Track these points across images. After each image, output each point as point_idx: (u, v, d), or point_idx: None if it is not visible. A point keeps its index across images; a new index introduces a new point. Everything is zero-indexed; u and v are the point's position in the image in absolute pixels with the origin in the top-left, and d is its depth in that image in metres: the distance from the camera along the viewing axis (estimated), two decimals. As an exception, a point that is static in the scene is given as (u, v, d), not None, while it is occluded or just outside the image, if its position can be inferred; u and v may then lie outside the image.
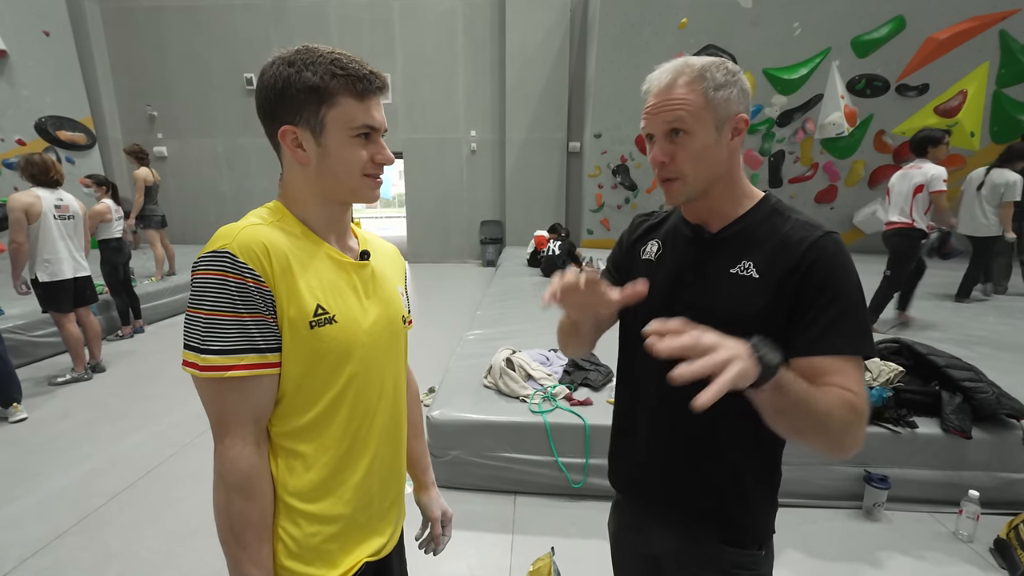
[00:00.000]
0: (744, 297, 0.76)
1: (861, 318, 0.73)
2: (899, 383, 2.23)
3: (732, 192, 0.81)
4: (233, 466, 0.66)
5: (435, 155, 8.72)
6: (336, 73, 0.68)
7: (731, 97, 0.75)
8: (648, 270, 0.89)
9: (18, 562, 1.88)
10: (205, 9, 8.26)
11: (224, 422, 0.67)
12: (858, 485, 2.15)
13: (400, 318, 0.85)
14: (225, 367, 0.64)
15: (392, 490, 0.86)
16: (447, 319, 5.18)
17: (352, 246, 0.82)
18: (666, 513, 0.89)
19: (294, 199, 0.75)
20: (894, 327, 3.83)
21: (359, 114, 0.70)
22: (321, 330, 0.70)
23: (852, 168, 7.34)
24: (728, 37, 6.74)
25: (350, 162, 0.71)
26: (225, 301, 0.63)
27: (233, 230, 0.67)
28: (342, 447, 0.75)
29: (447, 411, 2.33)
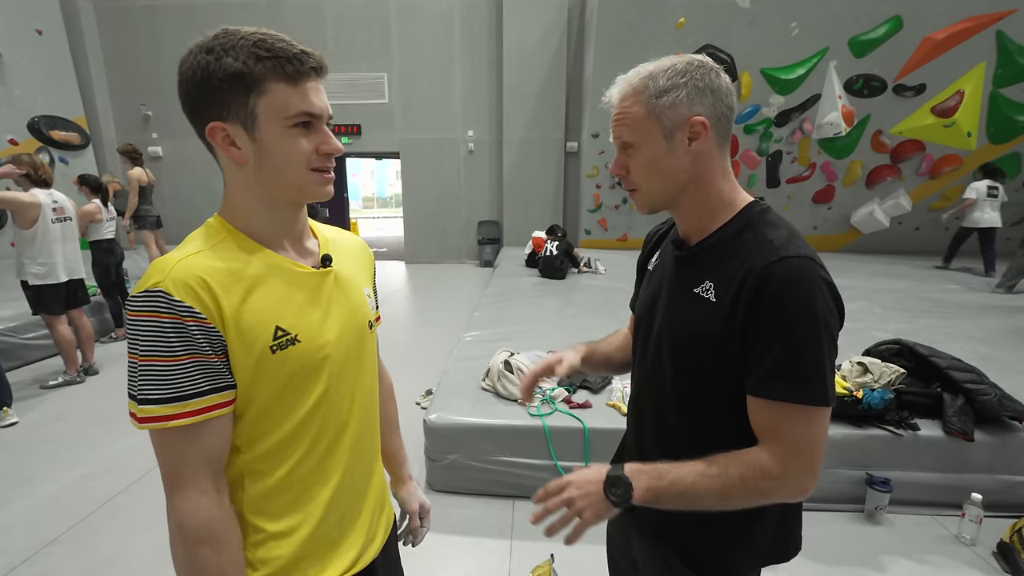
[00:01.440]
0: (701, 320, 0.73)
1: (810, 360, 0.65)
2: (900, 385, 2.21)
3: (706, 202, 0.75)
4: (194, 519, 0.61)
5: (432, 155, 8.68)
6: (261, 56, 0.59)
7: (677, 101, 0.70)
8: (647, 280, 0.91)
9: (6, 571, 1.84)
10: (200, 8, 8.20)
11: (175, 473, 0.61)
12: (860, 488, 2.13)
13: (367, 323, 0.79)
14: (166, 417, 0.58)
15: (369, 498, 0.82)
16: (445, 320, 5.15)
17: (312, 249, 0.75)
18: (639, 522, 0.88)
19: (237, 208, 0.68)
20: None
21: (294, 100, 0.62)
22: (284, 353, 0.65)
23: (849, 168, 7.34)
24: (726, 37, 6.72)
25: (291, 156, 0.63)
26: (161, 345, 0.57)
27: (167, 264, 0.60)
28: (312, 463, 0.71)
29: (444, 415, 2.30)
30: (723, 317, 0.70)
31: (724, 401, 0.73)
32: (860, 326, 3.59)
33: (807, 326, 0.65)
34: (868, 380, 2.22)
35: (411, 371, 3.79)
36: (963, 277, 5.68)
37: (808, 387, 0.65)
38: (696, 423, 0.77)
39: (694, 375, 0.75)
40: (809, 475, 0.67)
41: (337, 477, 0.74)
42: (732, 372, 0.71)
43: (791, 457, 0.67)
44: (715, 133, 0.72)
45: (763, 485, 0.67)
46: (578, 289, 5.09)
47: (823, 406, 0.66)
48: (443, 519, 2.15)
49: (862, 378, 2.24)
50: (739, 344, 0.69)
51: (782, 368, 0.66)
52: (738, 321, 0.68)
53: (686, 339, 0.75)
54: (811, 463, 0.67)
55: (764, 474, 0.67)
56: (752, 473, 0.68)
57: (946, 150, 7.05)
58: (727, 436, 0.73)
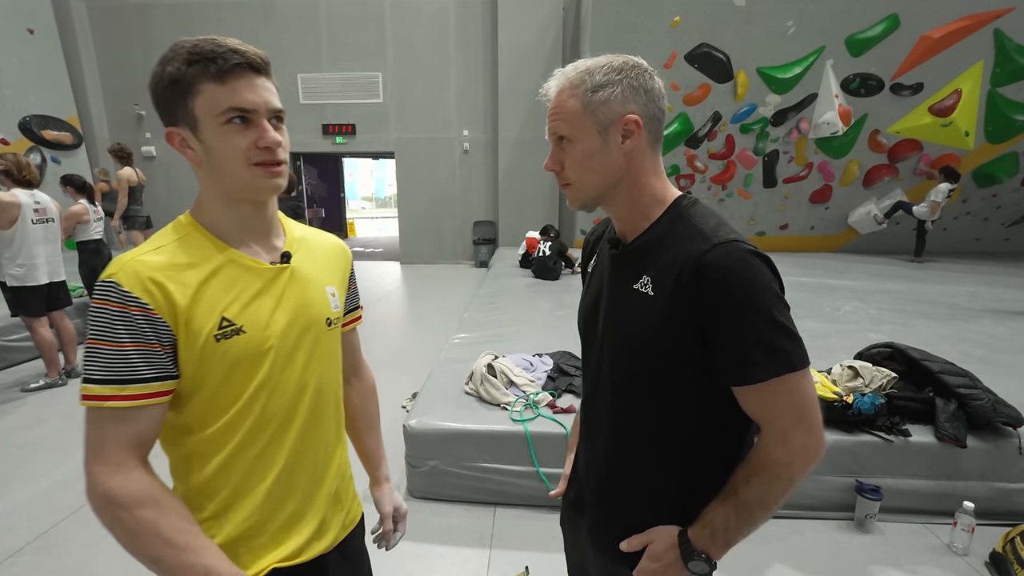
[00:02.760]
0: (641, 314, 0.74)
1: (773, 332, 0.66)
2: (892, 390, 2.16)
3: (639, 199, 0.76)
4: (126, 489, 0.62)
5: (427, 155, 8.63)
6: (192, 60, 0.64)
7: (612, 98, 0.70)
8: (586, 284, 0.91)
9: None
10: (193, 7, 8.15)
11: (100, 448, 0.63)
12: (849, 495, 2.07)
13: (322, 320, 0.80)
14: (104, 396, 0.62)
15: (321, 493, 0.82)
16: (437, 321, 5.10)
17: (277, 246, 0.78)
18: (594, 537, 0.89)
19: (203, 205, 0.73)
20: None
21: (222, 97, 0.65)
22: (228, 342, 0.68)
23: (847, 168, 7.29)
24: (721, 36, 6.67)
25: (228, 153, 0.67)
26: (107, 331, 0.62)
27: (125, 258, 0.65)
28: (253, 451, 0.73)
29: (425, 419, 2.24)
30: (661, 310, 0.71)
31: (672, 394, 0.75)
32: (854, 328, 3.54)
33: (757, 303, 0.66)
34: (859, 384, 2.17)
35: (400, 373, 3.74)
36: (957, 276, 5.62)
37: (780, 359, 0.66)
38: (645, 420, 0.78)
39: (639, 371, 0.76)
40: (812, 439, 0.69)
41: (279, 468, 0.75)
42: (675, 365, 0.72)
43: (791, 429, 0.69)
44: (647, 132, 0.73)
45: (779, 473, 0.70)
46: (571, 290, 5.04)
47: (797, 369, 0.67)
48: (422, 527, 2.09)
49: (852, 382, 2.19)
50: (684, 336, 0.70)
51: (749, 351, 0.67)
52: (680, 313, 0.69)
53: (628, 335, 0.76)
54: (810, 427, 0.69)
55: (772, 463, 0.70)
56: (763, 471, 0.71)
57: (944, 149, 7.00)
58: (680, 428, 0.76)
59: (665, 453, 0.78)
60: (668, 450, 0.77)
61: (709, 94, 6.97)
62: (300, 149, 8.82)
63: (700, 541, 0.74)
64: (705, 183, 7.52)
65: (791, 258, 6.87)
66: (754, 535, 0.74)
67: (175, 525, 0.63)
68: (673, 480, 0.78)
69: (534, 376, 2.56)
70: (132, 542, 0.62)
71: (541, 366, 2.71)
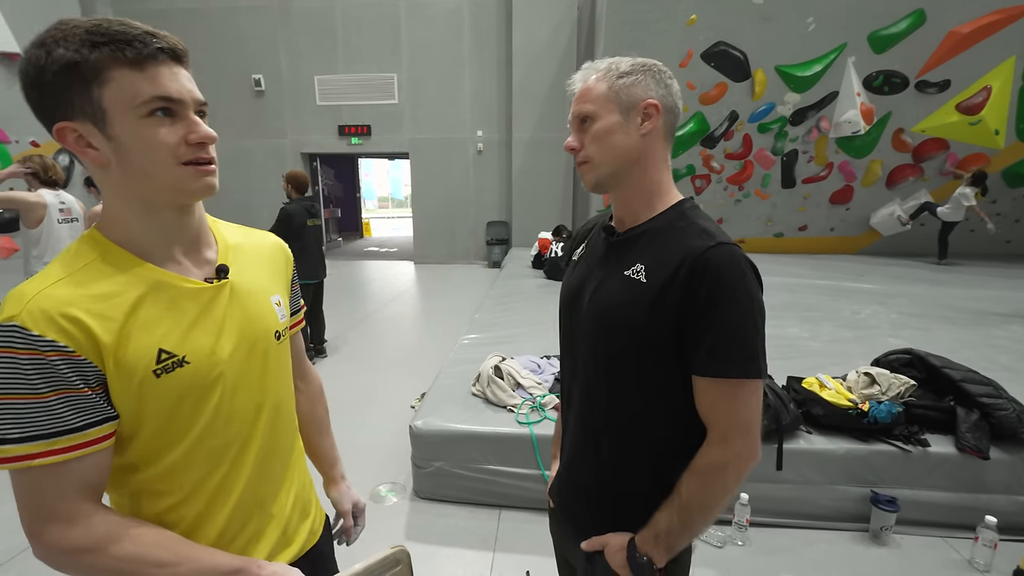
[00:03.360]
0: (630, 300, 0.76)
1: (749, 337, 0.70)
2: (910, 398, 2.09)
3: (647, 187, 0.81)
4: (94, 534, 0.57)
5: (441, 155, 8.66)
6: (96, 42, 0.54)
7: (635, 83, 0.77)
8: (570, 269, 0.95)
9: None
10: (211, 11, 8.32)
11: (47, 506, 0.56)
12: (864, 506, 2.01)
13: (271, 334, 0.74)
14: (29, 455, 0.54)
15: (279, 506, 0.78)
16: (448, 321, 5.11)
17: (209, 258, 0.69)
18: (577, 528, 0.92)
19: (112, 218, 0.62)
20: None
21: (143, 86, 0.56)
22: (170, 376, 0.61)
23: (869, 168, 7.10)
24: (738, 34, 6.56)
25: (153, 151, 0.57)
26: (19, 384, 0.53)
27: (26, 293, 0.54)
28: (214, 480, 0.68)
29: (431, 420, 2.24)
30: (652, 298, 0.74)
31: (652, 383, 0.78)
32: (872, 333, 3.44)
33: (745, 306, 0.70)
34: (875, 392, 2.10)
35: (410, 372, 3.76)
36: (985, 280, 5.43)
37: (751, 364, 0.71)
38: (626, 408, 0.81)
39: (622, 357, 0.79)
40: (749, 446, 0.73)
41: (239, 492, 0.70)
42: (660, 352, 0.75)
43: (732, 432, 0.73)
44: (664, 122, 0.79)
45: (715, 476, 0.74)
46: (583, 291, 5.00)
47: (759, 379, 0.72)
48: (427, 528, 2.10)
49: (868, 389, 2.12)
50: (670, 325, 0.73)
51: (727, 346, 0.70)
52: (672, 302, 0.72)
53: (614, 319, 0.78)
54: (748, 434, 0.73)
55: (709, 465, 0.74)
56: (700, 473, 0.75)
57: (972, 149, 6.77)
58: (656, 414, 0.79)
59: (638, 431, 0.82)
60: (640, 427, 0.81)
61: (726, 93, 6.86)
62: (316, 150, 8.95)
63: (644, 545, 0.78)
64: (721, 183, 7.39)
65: (810, 260, 6.72)
66: (763, 545, 0.75)
67: (158, 543, 0.60)
68: (637, 466, 0.83)
69: (541, 378, 2.54)
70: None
71: (549, 368, 2.69)
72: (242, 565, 0.64)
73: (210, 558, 0.63)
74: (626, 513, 0.82)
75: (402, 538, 2.04)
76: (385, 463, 2.55)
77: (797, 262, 6.53)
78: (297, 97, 8.64)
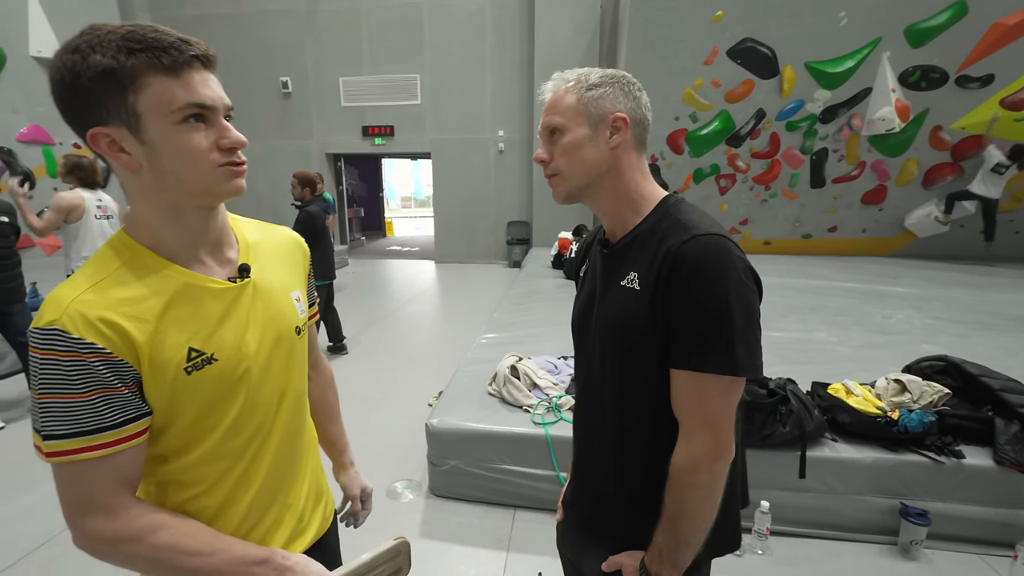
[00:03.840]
0: (628, 309, 0.77)
1: (727, 331, 0.68)
2: (944, 407, 2.00)
3: (624, 196, 0.81)
4: (135, 525, 0.60)
5: (462, 155, 8.71)
6: (132, 48, 0.55)
7: (604, 96, 0.77)
8: (580, 286, 0.95)
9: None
10: (243, 16, 8.55)
11: (88, 499, 0.60)
12: (893, 518, 1.93)
13: (292, 330, 0.76)
14: (74, 450, 0.57)
15: (296, 494, 0.81)
16: (467, 321, 5.13)
17: (231, 257, 0.71)
18: (590, 532, 0.94)
19: (141, 220, 0.64)
20: None
21: (179, 93, 0.57)
22: (200, 373, 0.64)
23: (904, 167, 6.82)
24: (766, 29, 6.39)
25: (187, 155, 0.59)
26: (62, 383, 0.56)
27: (65, 298, 0.57)
28: (237, 471, 0.71)
29: (447, 419, 2.26)
30: (647, 302, 0.74)
31: (660, 391, 0.77)
32: (905, 339, 3.30)
33: (720, 299, 0.68)
34: (906, 400, 2.02)
35: (429, 370, 3.79)
36: None
37: (720, 356, 0.69)
38: (636, 417, 0.81)
39: (629, 367, 0.79)
40: (714, 444, 0.71)
41: (260, 481, 0.73)
42: (660, 357, 0.75)
43: (697, 431, 0.72)
44: (633, 134, 0.79)
45: (687, 480, 0.73)
46: (602, 292, 4.95)
47: (732, 375, 0.70)
48: (441, 526, 2.11)
49: (899, 397, 2.04)
50: (664, 327, 0.73)
51: (696, 339, 0.70)
52: (659, 304, 0.72)
53: (618, 331, 0.79)
54: (715, 436, 0.71)
55: (679, 471, 0.73)
56: (674, 482, 0.74)
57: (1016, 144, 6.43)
58: (665, 419, 0.77)
59: (652, 444, 0.81)
60: (653, 440, 0.81)
61: (752, 90, 6.69)
62: (341, 150, 9.11)
63: (652, 564, 0.78)
64: (747, 183, 7.22)
65: (839, 262, 6.51)
66: (785, 555, 0.73)
67: (192, 534, 0.63)
68: (652, 473, 0.81)
69: (558, 379, 2.53)
70: (159, 568, 0.63)
71: (566, 369, 2.67)
72: (267, 555, 0.68)
73: (240, 549, 0.66)
74: (642, 519, 0.81)
75: (416, 535, 2.05)
76: (402, 460, 2.58)
77: (826, 264, 6.33)
78: (323, 98, 8.81)
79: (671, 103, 6.79)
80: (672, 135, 7.07)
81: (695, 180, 7.29)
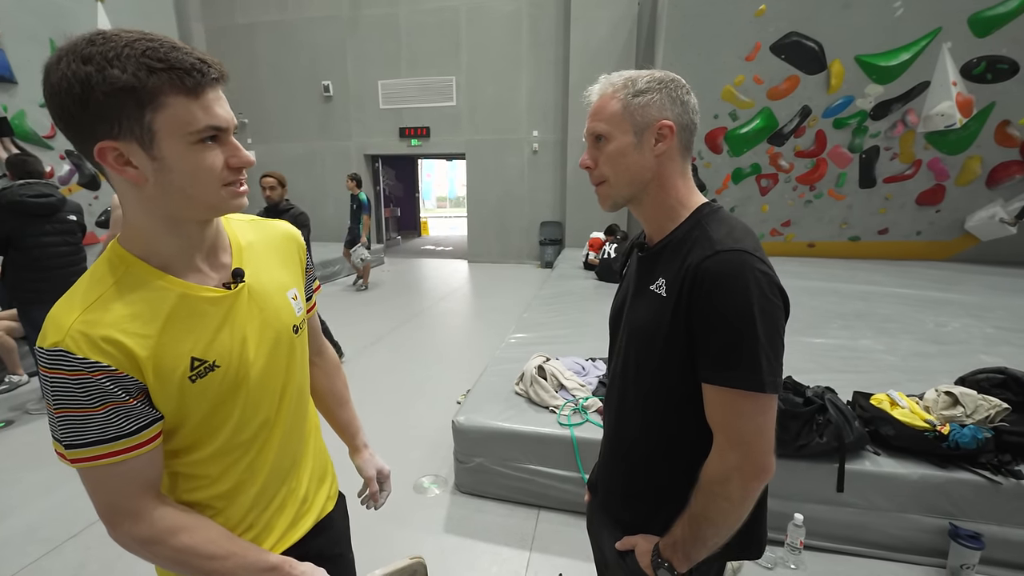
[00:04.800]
0: (654, 314, 0.78)
1: (751, 348, 0.68)
2: (1002, 423, 1.86)
3: (664, 202, 0.81)
4: (159, 527, 0.64)
5: (496, 156, 8.76)
6: (154, 67, 0.54)
7: (651, 103, 0.76)
8: (619, 287, 0.98)
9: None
10: (290, 23, 8.92)
11: (115, 504, 0.63)
12: (940, 539, 1.82)
13: (290, 330, 0.77)
14: (94, 457, 0.60)
15: (297, 481, 0.84)
16: (497, 320, 5.17)
17: (225, 262, 0.71)
18: (610, 518, 0.96)
19: (137, 231, 0.63)
20: None
21: (198, 114, 0.57)
22: (203, 380, 0.66)
23: (965, 165, 6.38)
24: (814, 23, 6.11)
25: (200, 174, 0.59)
26: (72, 400, 0.58)
27: (66, 317, 0.58)
28: (244, 463, 0.74)
29: (473, 416, 2.28)
30: (671, 311, 0.75)
31: (680, 395, 0.78)
32: (961, 348, 3.09)
33: (741, 315, 0.68)
34: (958, 414, 1.89)
35: (458, 369, 3.84)
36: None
37: (745, 373, 0.69)
38: (653, 418, 0.83)
39: (652, 369, 0.80)
40: (746, 464, 0.70)
41: (266, 471, 0.77)
42: (684, 365, 0.75)
43: (729, 448, 0.72)
44: (679, 140, 0.79)
45: (715, 490, 0.73)
46: (634, 294, 4.87)
47: (758, 392, 0.69)
48: (465, 522, 2.13)
49: (950, 411, 1.91)
50: (686, 336, 0.74)
51: (723, 356, 0.70)
52: (682, 314, 0.73)
53: (643, 333, 0.80)
54: (748, 454, 0.70)
55: (709, 480, 0.74)
56: (703, 487, 0.74)
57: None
58: (685, 432, 0.79)
59: (667, 445, 0.83)
60: (669, 442, 0.83)
61: (797, 87, 6.42)
62: (379, 151, 9.34)
63: (666, 551, 0.80)
64: (790, 183, 6.93)
65: (890, 266, 6.15)
66: (819, 570, 0.72)
67: (211, 539, 0.67)
68: (668, 475, 0.84)
69: (585, 380, 2.51)
70: (180, 567, 0.66)
71: (593, 371, 2.65)
72: (278, 563, 0.71)
73: (253, 555, 0.69)
74: (658, 512, 0.84)
75: (441, 530, 2.09)
76: (430, 455, 2.63)
77: (875, 268, 6.00)
78: (362, 101, 9.06)
79: (710, 101, 6.60)
80: (710, 134, 6.88)
81: (734, 180, 7.07)
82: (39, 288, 2.92)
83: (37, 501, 2.29)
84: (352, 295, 6.58)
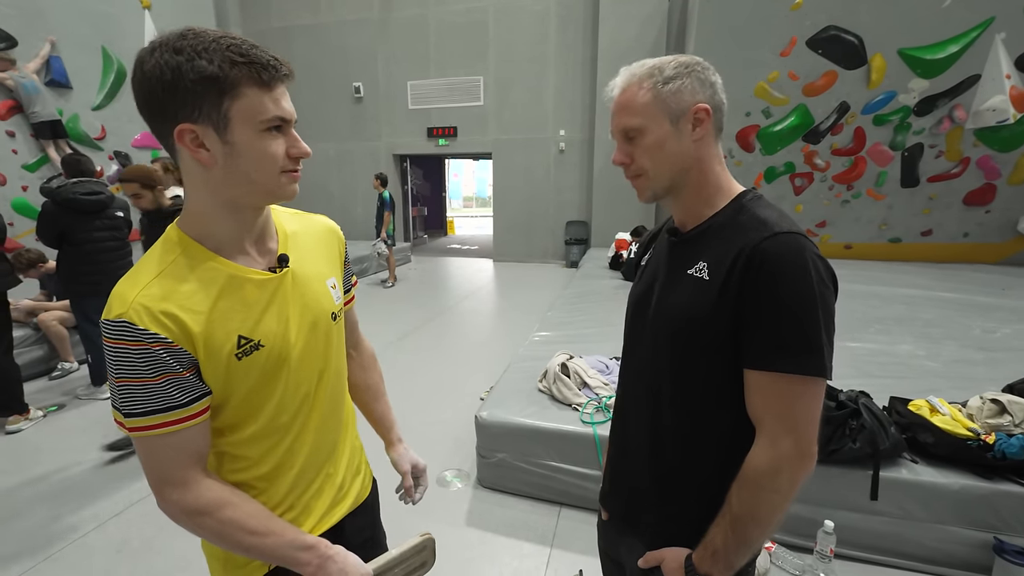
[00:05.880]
0: (695, 299, 0.75)
1: (808, 331, 0.67)
2: (1053, 433, 1.76)
3: (704, 187, 0.79)
4: (204, 499, 0.67)
5: (523, 155, 8.77)
6: (236, 61, 0.61)
7: (683, 88, 0.74)
8: (639, 276, 0.94)
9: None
10: (323, 26, 9.15)
11: (165, 472, 0.67)
12: (984, 554, 1.73)
13: (328, 316, 0.81)
14: (150, 426, 0.64)
15: (334, 467, 0.87)
16: (521, 319, 5.18)
17: (271, 248, 0.76)
18: (631, 530, 0.92)
19: (196, 214, 0.69)
20: None
21: (269, 105, 0.63)
22: (249, 358, 0.70)
23: (1018, 163, 6.02)
24: (853, 16, 5.89)
25: (265, 160, 0.65)
26: (133, 369, 0.62)
27: (130, 292, 0.63)
28: (283, 448, 0.78)
29: (496, 412, 2.30)
30: (715, 294, 0.72)
31: (717, 384, 0.76)
32: (1009, 356, 2.93)
33: (803, 298, 0.67)
34: (1004, 422, 1.80)
35: (481, 366, 3.87)
36: None
37: (806, 358, 0.67)
38: (691, 409, 0.80)
39: (688, 357, 0.77)
40: (800, 449, 0.69)
41: (305, 454, 0.80)
42: (724, 352, 0.73)
43: (782, 434, 0.69)
44: (714, 122, 0.77)
45: (764, 484, 0.70)
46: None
47: (820, 376, 0.68)
48: (486, 516, 2.15)
49: (996, 419, 1.82)
50: (732, 321, 0.71)
51: (780, 340, 0.68)
52: (731, 297, 0.70)
53: (680, 319, 0.77)
54: (800, 439, 0.69)
55: (758, 473, 0.70)
56: (749, 482, 0.71)
57: None
58: (722, 421, 0.77)
59: (692, 441, 0.80)
60: (704, 434, 0.79)
61: (835, 82, 6.19)
62: (407, 151, 9.48)
63: (703, 564, 0.75)
64: (826, 182, 6.69)
65: (934, 269, 5.87)
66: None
67: (253, 515, 0.70)
68: (701, 467, 0.81)
69: (609, 379, 2.49)
70: (220, 540, 0.70)
71: (617, 369, 2.62)
72: (313, 543, 0.74)
73: (291, 534, 0.73)
74: (689, 514, 0.80)
75: (463, 523, 2.11)
76: (454, 450, 2.66)
77: (918, 271, 5.74)
78: (391, 102, 9.22)
79: (742, 98, 6.44)
80: (742, 132, 6.71)
81: (767, 179, 6.87)
82: (95, 280, 3.08)
83: (86, 481, 2.43)
84: (380, 292, 6.71)
